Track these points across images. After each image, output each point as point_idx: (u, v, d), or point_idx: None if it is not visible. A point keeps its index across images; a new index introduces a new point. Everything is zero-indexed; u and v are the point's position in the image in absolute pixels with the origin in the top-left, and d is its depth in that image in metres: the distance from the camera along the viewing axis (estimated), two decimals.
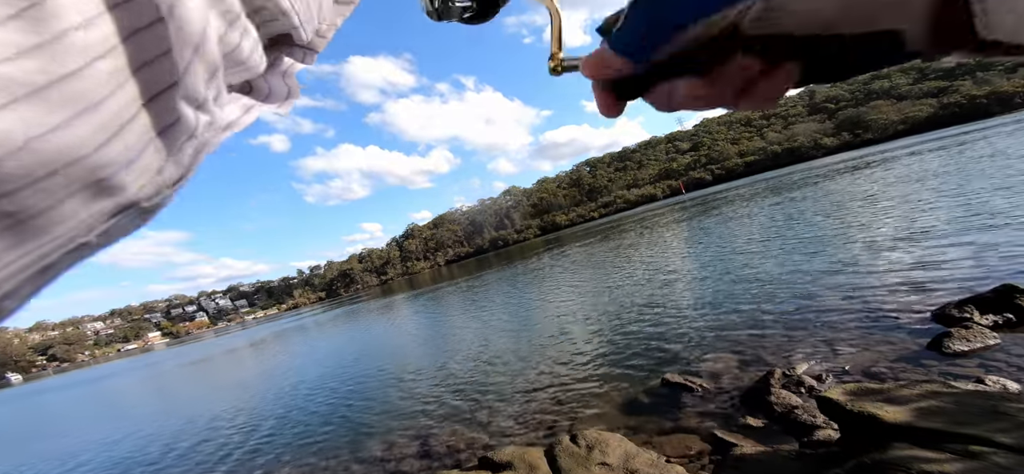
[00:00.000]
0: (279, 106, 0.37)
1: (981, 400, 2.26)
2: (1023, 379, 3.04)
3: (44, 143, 0.16)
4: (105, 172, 0.19)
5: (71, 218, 0.19)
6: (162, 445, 8.29)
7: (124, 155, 0.20)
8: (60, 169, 0.17)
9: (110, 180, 0.20)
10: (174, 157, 0.24)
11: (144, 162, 0.22)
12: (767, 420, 3.42)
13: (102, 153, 0.19)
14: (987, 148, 20.88)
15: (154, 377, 25.00)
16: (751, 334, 5.63)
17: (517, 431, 4.77)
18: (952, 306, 4.69)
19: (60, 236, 0.19)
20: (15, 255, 0.17)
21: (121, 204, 0.21)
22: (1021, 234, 6.64)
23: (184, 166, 0.25)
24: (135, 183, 0.21)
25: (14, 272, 0.18)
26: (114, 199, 0.20)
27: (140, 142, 0.21)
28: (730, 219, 19.97)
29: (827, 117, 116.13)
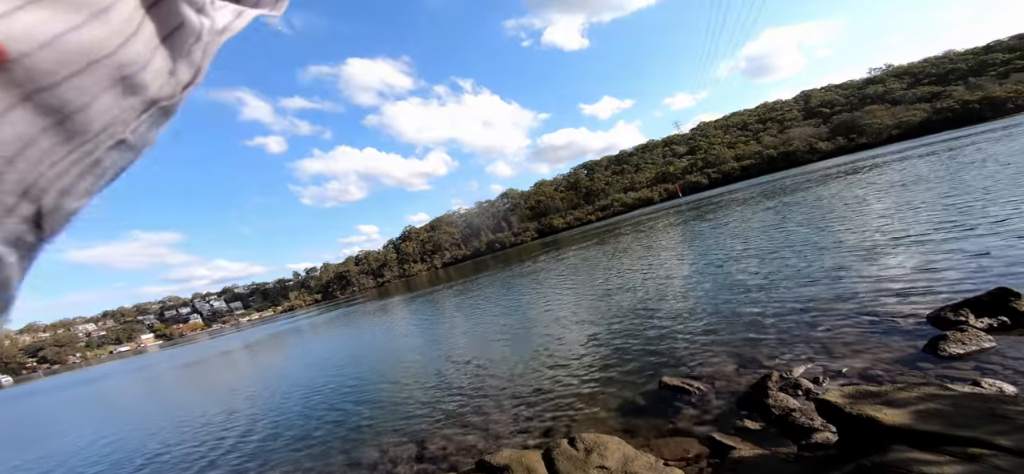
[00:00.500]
0: (270, 9, 0.39)
1: (978, 403, 2.26)
2: (1019, 382, 3.05)
3: (69, 40, 0.18)
4: (128, 70, 0.21)
5: (107, 113, 0.21)
6: (153, 449, 8.16)
7: (141, 55, 0.22)
8: (89, 65, 0.19)
9: (133, 78, 0.22)
10: (185, 59, 0.26)
11: (158, 63, 0.24)
12: (765, 423, 3.41)
13: (122, 53, 0.21)
14: (979, 153, 21.13)
15: (145, 379, 24.67)
16: (748, 337, 5.64)
17: (514, 434, 4.73)
18: (947, 309, 4.72)
19: (102, 131, 0.21)
20: (66, 150, 0.19)
21: (146, 101, 0.23)
22: (1013, 238, 6.71)
23: (195, 67, 0.28)
24: (155, 82, 0.24)
25: (68, 167, 0.20)
26: (139, 96, 0.23)
27: (152, 44, 0.23)
28: (726, 223, 20.07)
29: (822, 121, 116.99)
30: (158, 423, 10.39)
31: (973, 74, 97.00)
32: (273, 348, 22.73)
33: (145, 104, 0.23)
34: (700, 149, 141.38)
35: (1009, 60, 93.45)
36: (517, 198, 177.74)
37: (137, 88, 0.22)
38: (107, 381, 31.17)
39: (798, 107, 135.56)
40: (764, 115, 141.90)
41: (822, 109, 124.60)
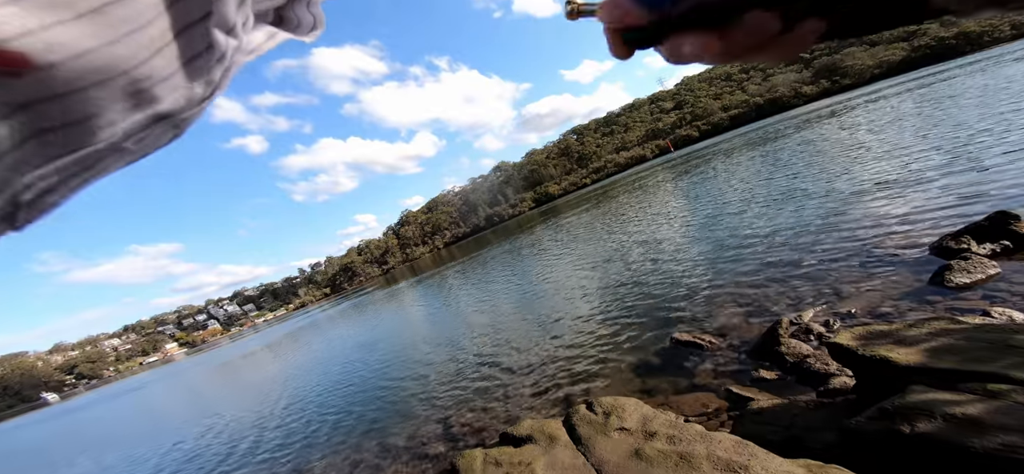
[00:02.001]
0: (306, 35, 0.40)
1: (991, 334, 2.31)
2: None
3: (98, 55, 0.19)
4: (143, 85, 0.22)
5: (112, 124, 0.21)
6: (218, 445, 8.50)
7: (163, 71, 0.23)
8: (108, 79, 0.20)
9: (148, 92, 0.22)
10: (205, 77, 0.27)
11: (179, 79, 0.24)
12: (780, 371, 3.50)
13: (143, 68, 0.21)
14: (958, 86, 20.86)
15: (186, 385, 25.32)
16: (754, 285, 5.70)
17: (534, 404, 4.87)
18: (948, 238, 4.75)
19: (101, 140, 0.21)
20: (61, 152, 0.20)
21: (156, 114, 0.24)
22: (1005, 162, 6.69)
23: (214, 84, 0.28)
24: (170, 96, 0.24)
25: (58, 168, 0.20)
26: (151, 109, 0.23)
27: (177, 61, 0.24)
28: (721, 173, 19.96)
29: (804, 66, 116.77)
30: (214, 423, 10.78)
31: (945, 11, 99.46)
32: (295, 345, 23.14)
33: (155, 117, 0.24)
34: (687, 103, 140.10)
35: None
36: (510, 170, 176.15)
37: (150, 102, 0.23)
38: (150, 389, 31.99)
39: None
40: (746, 65, 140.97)
41: (803, 54, 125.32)
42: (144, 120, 0.23)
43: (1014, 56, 30.58)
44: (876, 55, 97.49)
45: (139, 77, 0.21)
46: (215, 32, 0.26)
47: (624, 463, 3.25)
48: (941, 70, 46.83)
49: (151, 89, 0.23)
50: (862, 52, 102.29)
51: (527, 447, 3.97)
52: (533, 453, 3.82)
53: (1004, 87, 14.81)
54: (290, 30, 0.38)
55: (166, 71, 0.23)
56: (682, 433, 3.24)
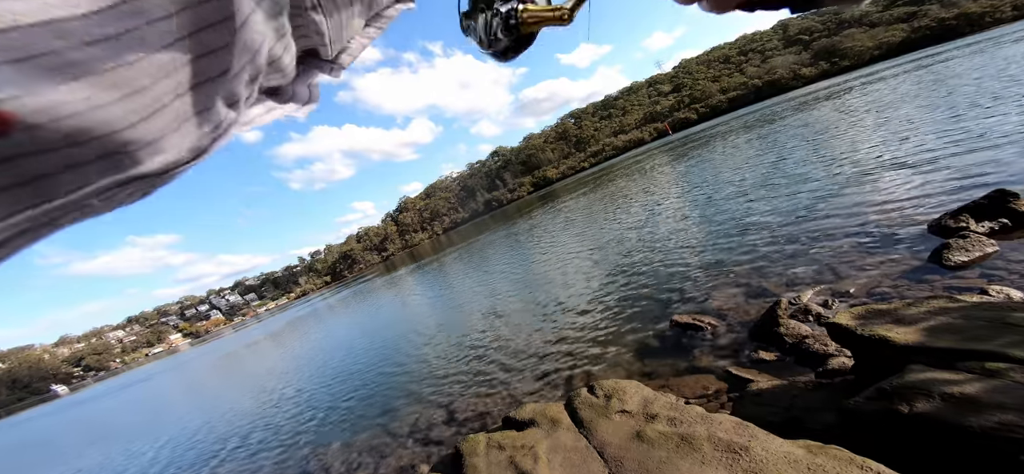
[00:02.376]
0: (298, 109, 0.40)
1: (989, 312, 2.32)
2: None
3: (86, 117, 0.18)
4: (128, 148, 0.21)
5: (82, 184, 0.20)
6: (228, 433, 8.66)
7: (151, 135, 0.22)
8: (90, 141, 0.19)
9: (131, 155, 0.21)
10: (192, 144, 0.26)
11: (167, 143, 0.23)
12: (779, 352, 3.54)
13: (131, 131, 0.21)
14: (958, 67, 20.59)
15: (193, 375, 25.61)
16: (753, 266, 5.72)
17: (536, 388, 4.94)
18: (947, 217, 4.74)
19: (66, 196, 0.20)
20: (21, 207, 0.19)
21: (131, 176, 0.23)
22: (1004, 142, 6.66)
23: (201, 150, 0.27)
24: (151, 160, 0.23)
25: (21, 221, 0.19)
26: (126, 172, 0.22)
27: (169, 126, 0.23)
28: (719, 155, 19.85)
29: (803, 48, 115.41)
30: (225, 410, 11.00)
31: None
32: (298, 334, 23.33)
33: (129, 178, 0.23)
34: (685, 86, 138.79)
35: None
36: (508, 155, 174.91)
37: (129, 165, 0.22)
38: (159, 379, 32.38)
39: (777, 36, 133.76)
40: (745, 47, 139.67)
41: (801, 36, 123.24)
42: (118, 180, 0.22)
43: (1013, 37, 30.17)
44: (876, 36, 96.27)
45: (126, 140, 0.21)
46: (219, 101, 0.25)
47: (626, 445, 3.31)
48: (940, 51, 46.31)
49: (135, 152, 0.22)
50: (862, 33, 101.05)
51: (530, 430, 4.03)
52: (536, 436, 3.88)
53: (1003, 68, 14.66)
54: (285, 103, 0.38)
55: (155, 135, 0.22)
56: (683, 415, 3.29)
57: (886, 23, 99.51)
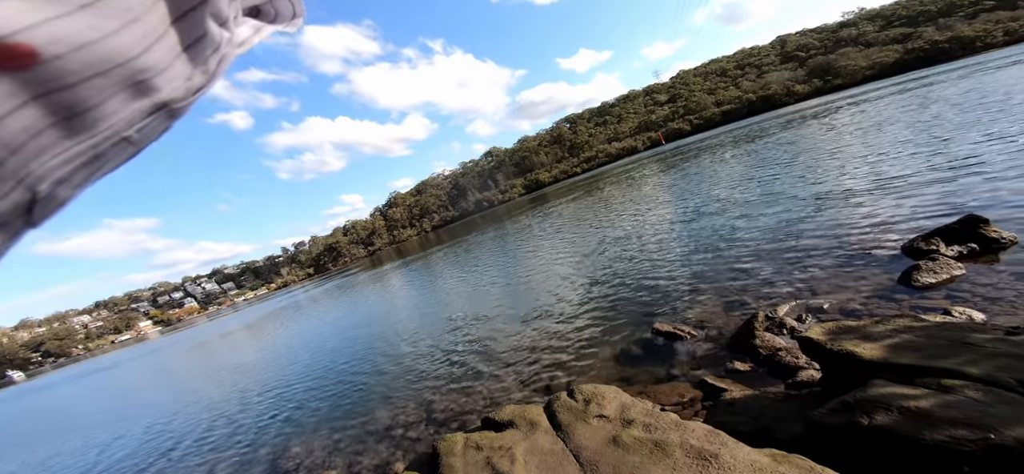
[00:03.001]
0: (287, 25, 0.42)
1: (950, 332, 2.42)
2: (987, 308, 3.28)
3: (100, 46, 0.20)
4: (145, 74, 0.23)
5: (116, 113, 0.22)
6: (189, 427, 8.35)
7: (160, 62, 0.24)
8: (111, 69, 0.21)
9: (148, 82, 0.24)
10: (201, 66, 0.28)
11: (177, 68, 0.26)
12: (753, 364, 3.62)
13: (144, 58, 0.23)
14: (947, 90, 21.40)
15: (159, 365, 24.77)
16: (734, 279, 5.85)
17: (516, 390, 4.95)
18: (919, 239, 4.92)
19: (107, 129, 0.22)
20: (70, 144, 0.21)
21: (156, 104, 0.25)
22: (980, 169, 6.94)
23: (209, 75, 0.30)
24: (168, 86, 0.25)
25: (69, 158, 0.21)
26: (150, 99, 0.24)
27: (174, 50, 0.25)
28: (707, 169, 20.22)
29: (799, 65, 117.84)
30: (188, 402, 10.58)
31: (943, 15, 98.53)
32: (275, 326, 22.84)
33: (155, 106, 0.25)
34: (681, 97, 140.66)
35: (978, 0, 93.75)
36: (502, 156, 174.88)
37: (150, 91, 0.24)
38: (122, 368, 31.21)
39: (775, 52, 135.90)
40: (742, 61, 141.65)
41: (798, 53, 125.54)
42: (145, 109, 0.24)
43: (997, 64, 31.45)
44: (870, 56, 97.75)
45: (140, 67, 0.22)
46: (210, 21, 0.27)
47: (601, 449, 3.34)
48: (927, 75, 47.95)
49: (151, 79, 0.24)
50: (856, 52, 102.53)
51: (508, 432, 4.04)
52: (514, 438, 3.89)
53: (985, 96, 15.24)
54: (271, 22, 0.40)
55: (165, 61, 0.24)
56: (658, 421, 3.34)
57: (881, 43, 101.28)
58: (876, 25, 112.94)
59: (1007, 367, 1.77)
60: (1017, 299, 3.31)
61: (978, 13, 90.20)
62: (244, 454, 5.94)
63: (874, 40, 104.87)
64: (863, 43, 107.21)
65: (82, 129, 0.20)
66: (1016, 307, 3.18)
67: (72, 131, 0.20)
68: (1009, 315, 3.08)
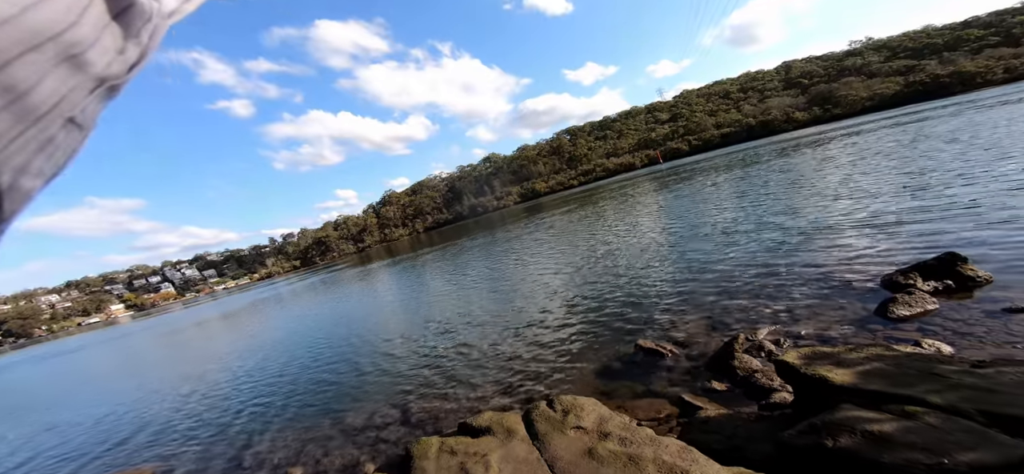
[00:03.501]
0: None
1: (918, 362, 2.48)
2: (956, 342, 3.36)
3: (23, 19, 0.20)
4: (77, 49, 0.23)
5: (56, 91, 0.22)
6: (153, 419, 8.10)
7: (89, 35, 0.24)
8: (41, 44, 0.21)
9: (82, 57, 0.23)
10: (133, 38, 0.28)
11: (107, 41, 0.26)
12: (730, 383, 3.66)
13: (73, 31, 0.22)
14: (939, 127, 22.08)
15: (126, 350, 24.07)
16: (718, 301, 5.92)
17: (495, 396, 4.92)
18: (898, 273, 5.04)
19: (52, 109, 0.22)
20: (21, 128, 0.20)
21: (94, 79, 0.25)
22: (964, 208, 7.15)
23: (142, 47, 0.30)
24: (102, 60, 0.25)
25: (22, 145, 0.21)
26: (87, 74, 0.24)
27: (100, 23, 0.25)
28: (702, 190, 20.53)
29: (801, 92, 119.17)
30: (153, 392, 10.27)
31: (948, 49, 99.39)
32: (253, 317, 22.41)
33: (93, 82, 0.24)
34: (682, 116, 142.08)
35: (983, 36, 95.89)
36: (500, 162, 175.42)
37: (84, 66, 0.23)
38: (85, 352, 30.23)
39: (779, 77, 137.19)
40: (746, 84, 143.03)
41: (801, 80, 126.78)
42: (85, 86, 0.24)
43: (990, 103, 32.41)
44: (871, 87, 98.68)
45: (70, 41, 0.22)
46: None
47: (576, 461, 3.33)
48: (922, 109, 49.22)
49: (84, 53, 0.23)
50: (859, 82, 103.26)
51: (484, 439, 4.00)
52: (490, 445, 3.86)
53: (975, 134, 15.68)
54: None
55: (94, 33, 0.24)
56: (634, 436, 3.34)
57: (884, 74, 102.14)
58: (881, 55, 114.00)
59: (969, 398, 1.82)
60: (986, 335, 3.40)
61: (982, 48, 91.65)
62: (203, 450, 5.73)
63: (878, 71, 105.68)
64: (866, 73, 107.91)
65: (28, 112, 0.20)
66: (984, 342, 3.27)
67: (18, 116, 0.20)
68: (976, 349, 3.16)
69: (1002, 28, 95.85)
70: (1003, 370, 2.03)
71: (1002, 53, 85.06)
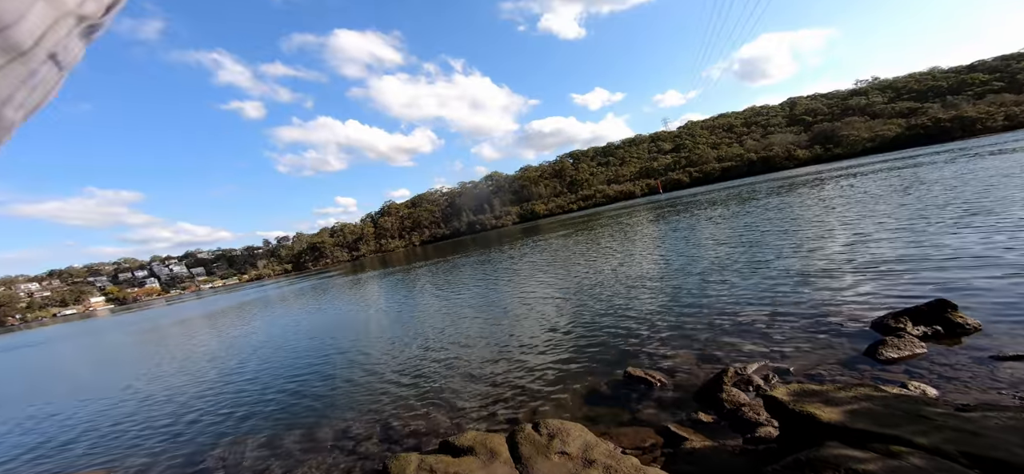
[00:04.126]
0: None
1: (906, 404, 2.46)
2: (942, 386, 3.35)
3: None
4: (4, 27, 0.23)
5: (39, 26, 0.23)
6: (121, 421, 7.81)
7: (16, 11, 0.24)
8: None
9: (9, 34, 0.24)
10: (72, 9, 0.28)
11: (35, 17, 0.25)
12: (717, 416, 3.60)
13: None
14: (936, 172, 22.56)
15: (99, 344, 23.43)
16: (711, 333, 5.89)
17: (480, 416, 4.81)
18: (889, 317, 5.07)
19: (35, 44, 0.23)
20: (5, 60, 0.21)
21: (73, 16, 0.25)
22: (956, 256, 7.24)
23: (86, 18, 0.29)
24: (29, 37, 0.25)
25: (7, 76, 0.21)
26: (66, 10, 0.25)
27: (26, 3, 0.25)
28: (699, 223, 20.71)
29: (804, 129, 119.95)
30: (124, 391, 9.94)
31: (953, 92, 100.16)
32: (236, 318, 21.99)
33: (73, 20, 0.25)
34: (685, 147, 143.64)
35: (987, 81, 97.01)
36: (502, 181, 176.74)
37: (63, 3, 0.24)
38: (53, 345, 29.39)
39: (783, 113, 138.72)
40: (750, 119, 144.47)
41: (805, 117, 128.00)
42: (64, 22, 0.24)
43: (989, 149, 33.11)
44: (873, 128, 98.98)
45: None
46: None
47: None
48: (921, 154, 50.07)
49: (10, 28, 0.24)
50: (861, 123, 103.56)
51: (466, 459, 3.89)
52: (471, 465, 3.75)
53: (970, 183, 15.93)
54: None
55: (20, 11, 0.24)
56: (619, 464, 3.26)
57: (887, 115, 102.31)
58: (886, 96, 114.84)
59: (953, 439, 1.80)
60: (971, 380, 3.39)
61: (985, 93, 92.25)
62: (160, 458, 5.44)
63: (881, 111, 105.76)
64: (870, 113, 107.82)
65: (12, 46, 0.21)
66: (969, 387, 3.26)
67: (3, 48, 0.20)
68: (962, 394, 3.15)
69: (1007, 73, 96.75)
70: (988, 414, 2.02)
71: (1004, 99, 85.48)
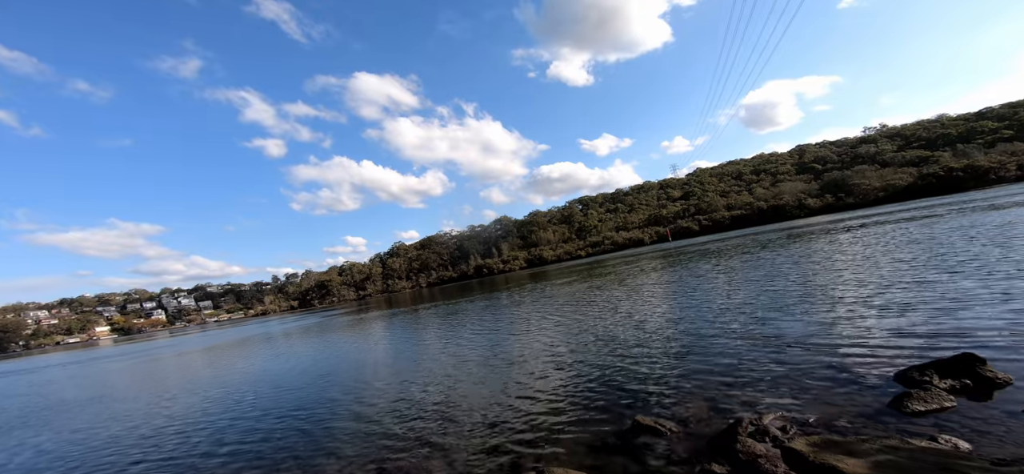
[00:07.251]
0: None
1: (934, 457, 2.29)
2: (975, 441, 3.09)
3: None
4: None
5: None
6: (109, 454, 7.60)
7: None
8: None
9: None
10: None
11: None
12: (731, 468, 3.36)
13: None
14: (951, 223, 22.13)
15: (92, 373, 23.20)
16: (724, 382, 5.64)
17: (482, 464, 4.57)
18: (913, 369, 4.82)
19: None
20: None
21: None
22: (977, 308, 6.95)
23: None
24: None
25: None
26: None
27: None
28: (710, 271, 20.41)
29: (814, 177, 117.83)
30: (114, 422, 9.72)
31: (962, 140, 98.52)
32: (238, 352, 21.73)
33: None
34: (694, 195, 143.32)
35: (997, 129, 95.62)
36: (510, 225, 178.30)
37: None
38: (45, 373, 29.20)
39: (792, 161, 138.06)
40: (759, 166, 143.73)
41: (815, 165, 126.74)
42: None
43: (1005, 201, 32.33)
44: (884, 177, 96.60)
45: None
46: None
47: None
48: (933, 203, 49.23)
49: None
50: (872, 172, 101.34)
51: None
52: None
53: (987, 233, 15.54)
54: None
55: None
56: None
57: (897, 164, 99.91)
58: (895, 144, 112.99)
59: None
60: (1006, 434, 3.12)
61: (996, 142, 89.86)
62: None
63: (891, 160, 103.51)
64: (880, 162, 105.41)
65: None
66: (1004, 442, 2.99)
67: None
68: (996, 448, 2.89)
69: (1015, 121, 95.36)
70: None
71: (1015, 147, 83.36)
